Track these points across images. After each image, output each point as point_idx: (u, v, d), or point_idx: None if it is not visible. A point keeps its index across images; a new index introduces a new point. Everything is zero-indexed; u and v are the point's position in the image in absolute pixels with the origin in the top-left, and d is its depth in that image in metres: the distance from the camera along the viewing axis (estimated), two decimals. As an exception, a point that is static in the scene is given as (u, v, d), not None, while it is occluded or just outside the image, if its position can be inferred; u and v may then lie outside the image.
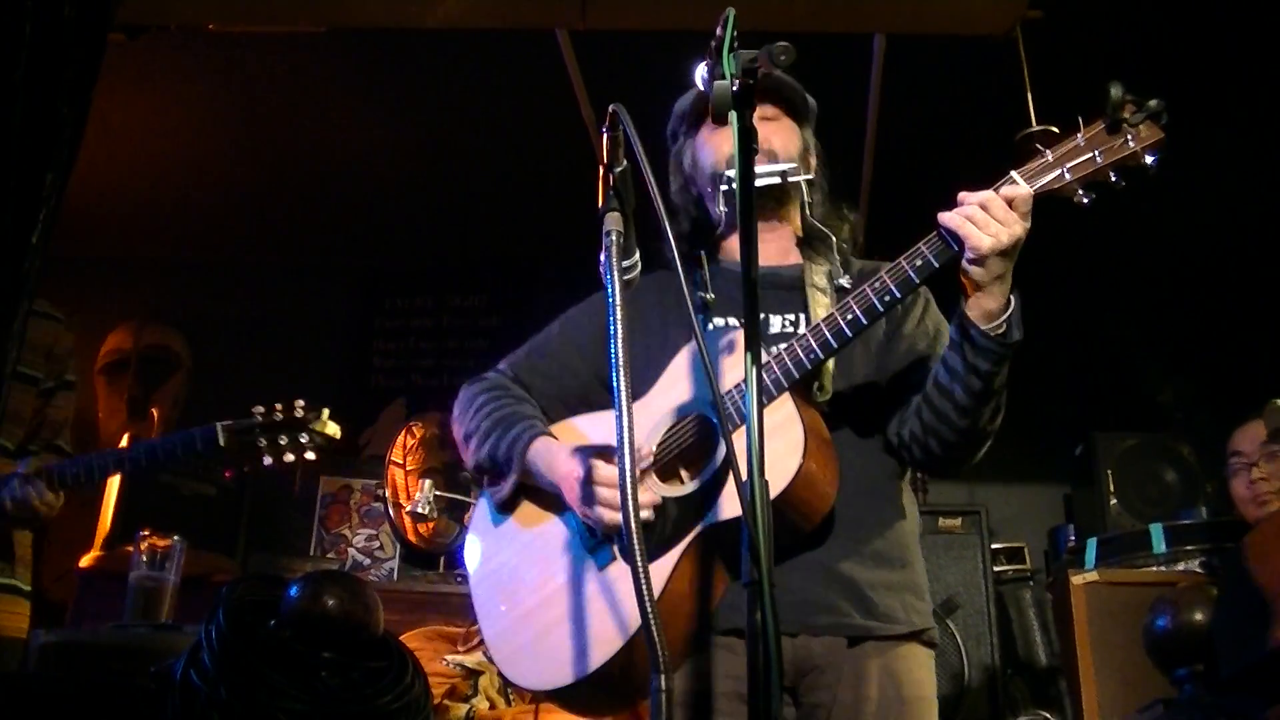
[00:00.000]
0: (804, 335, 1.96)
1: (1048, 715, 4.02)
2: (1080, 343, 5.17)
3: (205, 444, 2.90)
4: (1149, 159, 1.82)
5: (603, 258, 1.72)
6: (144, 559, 3.13)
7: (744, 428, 1.57)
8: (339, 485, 4.94)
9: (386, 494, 4.79)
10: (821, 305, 2.11)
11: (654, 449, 2.05)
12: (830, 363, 2.07)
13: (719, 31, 1.68)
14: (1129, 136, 1.79)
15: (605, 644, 1.96)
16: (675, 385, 2.12)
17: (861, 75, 3.92)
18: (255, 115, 4.48)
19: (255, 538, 4.77)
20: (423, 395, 5.33)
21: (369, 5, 3.62)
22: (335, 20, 3.71)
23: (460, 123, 4.51)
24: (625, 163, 1.79)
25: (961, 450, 2.07)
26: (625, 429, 1.54)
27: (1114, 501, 4.47)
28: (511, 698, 3.39)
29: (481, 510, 2.28)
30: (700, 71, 1.71)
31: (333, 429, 3.03)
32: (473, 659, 3.53)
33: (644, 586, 1.48)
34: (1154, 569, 4.05)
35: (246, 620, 2.40)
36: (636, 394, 2.08)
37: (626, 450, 1.53)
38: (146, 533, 3.22)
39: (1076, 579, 3.96)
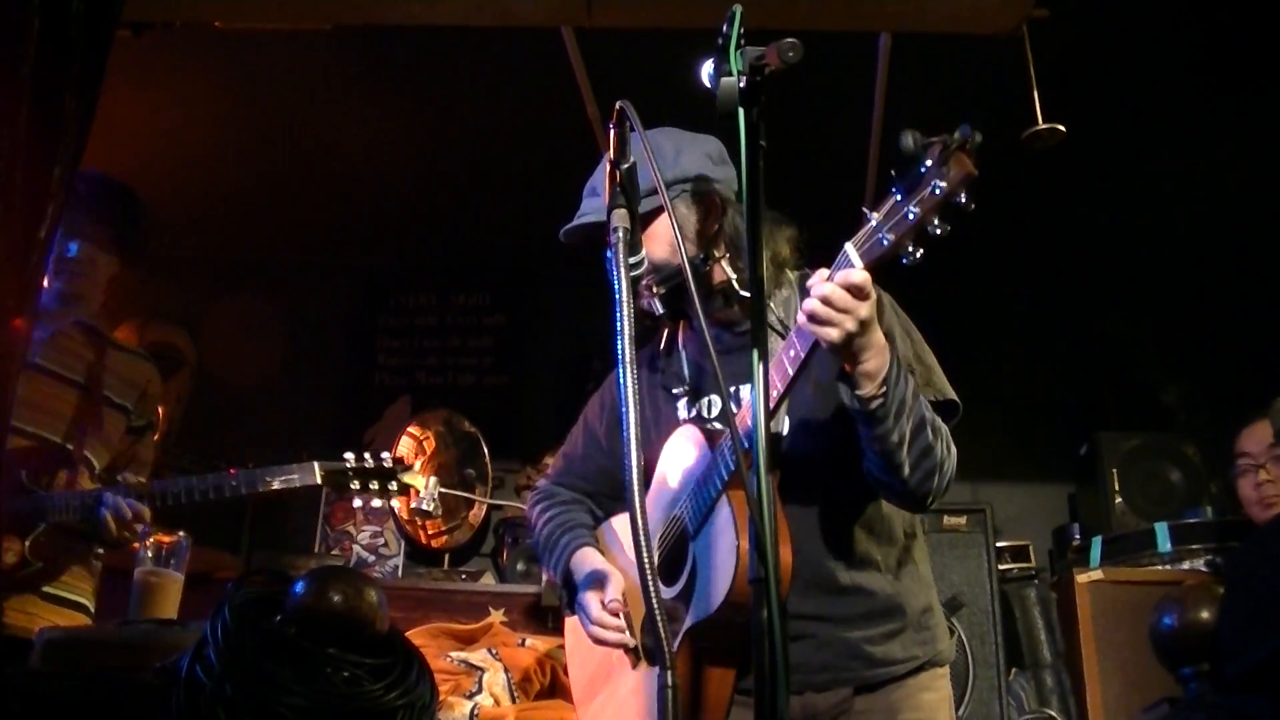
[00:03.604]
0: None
1: (1052, 714, 4.02)
2: (1085, 342, 5.17)
3: (303, 477, 3.10)
4: (959, 201, 1.60)
5: (609, 254, 1.73)
6: (149, 555, 3.13)
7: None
8: (343, 483, 4.94)
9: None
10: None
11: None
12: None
13: (725, 29, 1.68)
14: (936, 182, 1.60)
15: None
16: (664, 479, 2.24)
17: (867, 74, 3.92)
18: (260, 113, 4.48)
19: (259, 535, 4.77)
20: (427, 393, 5.33)
21: (375, 3, 3.62)
22: (341, 18, 3.71)
23: (465, 120, 4.51)
24: (632, 159, 1.79)
25: (912, 501, 2.03)
26: (631, 425, 1.54)
27: (1119, 501, 4.47)
28: (516, 695, 3.40)
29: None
30: (706, 69, 1.71)
31: (419, 482, 3.21)
32: (477, 656, 3.53)
33: (651, 587, 1.48)
34: (1159, 568, 4.06)
35: (251, 616, 2.40)
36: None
37: (631, 432, 1.53)
38: (152, 529, 3.23)
39: (1081, 578, 3.97)
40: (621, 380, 1.58)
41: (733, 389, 2.12)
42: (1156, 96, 4.15)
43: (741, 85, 1.63)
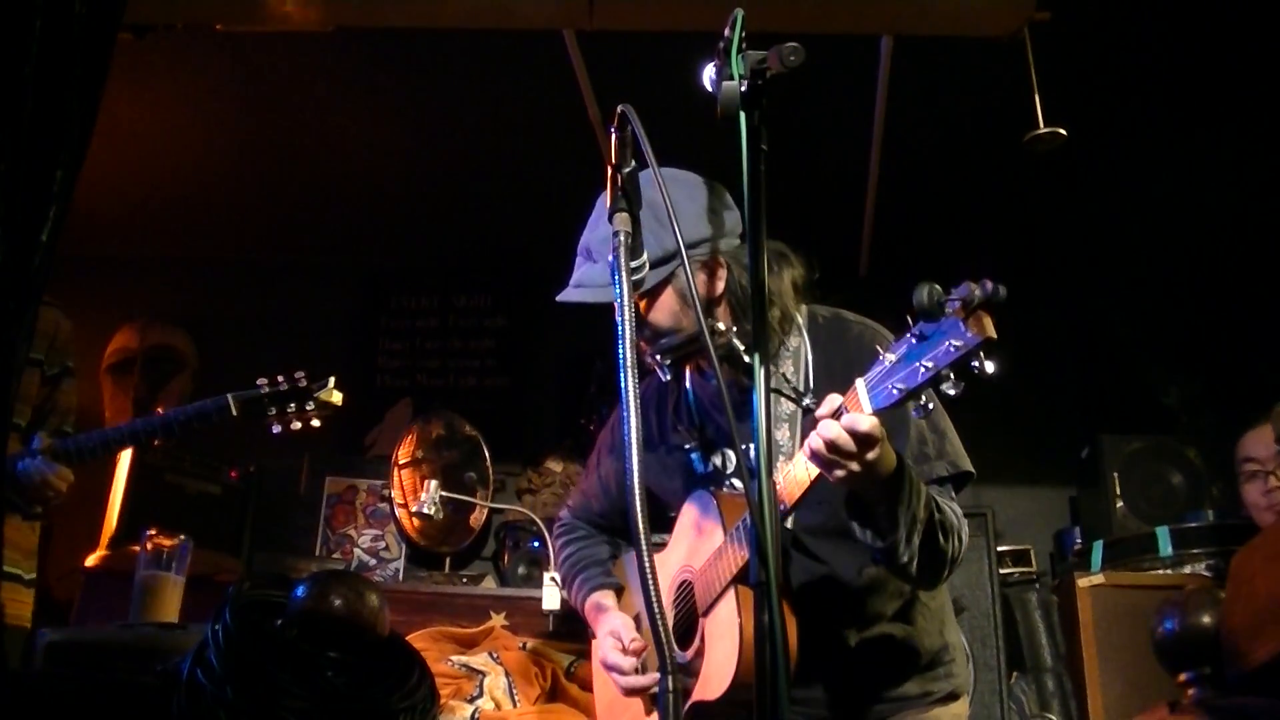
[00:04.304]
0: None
1: (1053, 718, 4.01)
2: (1086, 345, 5.16)
3: (218, 414, 3.02)
4: (975, 364, 1.50)
5: (611, 258, 1.73)
6: (150, 558, 3.14)
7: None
8: (344, 485, 4.94)
9: (393, 495, 4.79)
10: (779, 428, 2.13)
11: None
12: None
13: (727, 32, 1.68)
14: (952, 342, 1.50)
15: None
16: (681, 541, 2.25)
17: (869, 76, 3.92)
18: (261, 114, 4.48)
19: (260, 537, 4.77)
20: (428, 395, 5.32)
21: (377, 5, 3.62)
22: (343, 20, 3.71)
23: (467, 122, 4.51)
24: (633, 163, 1.79)
25: (917, 587, 2.08)
26: (632, 428, 1.55)
27: (1120, 504, 4.47)
28: (517, 698, 3.39)
29: None
30: (708, 72, 1.71)
31: (336, 397, 3.13)
32: (478, 659, 3.53)
33: (651, 588, 1.48)
34: (1160, 572, 4.05)
35: (253, 619, 2.41)
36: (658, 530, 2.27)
37: (632, 414, 1.53)
38: (153, 532, 3.23)
39: (1082, 582, 3.96)
40: (623, 384, 1.58)
41: (742, 447, 2.09)
42: (1158, 99, 4.15)
43: (743, 89, 1.63)
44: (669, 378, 2.18)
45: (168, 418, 3.04)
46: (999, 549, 4.34)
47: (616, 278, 1.69)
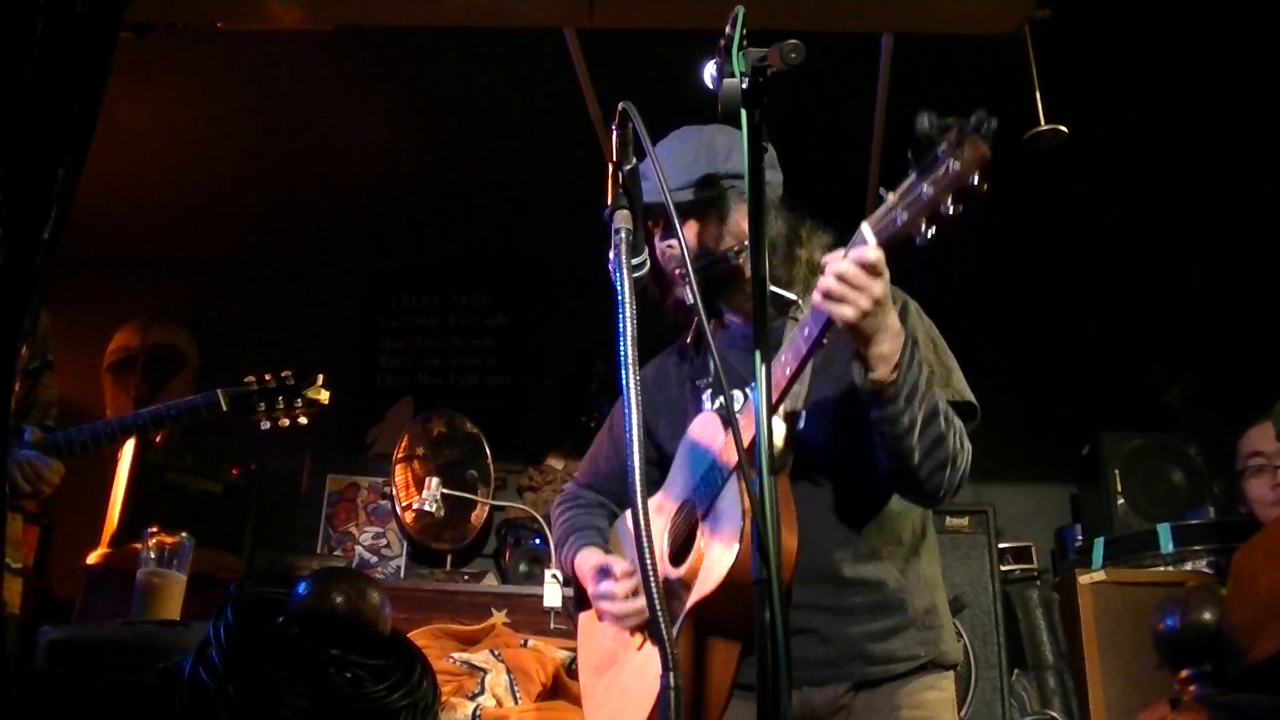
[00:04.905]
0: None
1: (1055, 715, 4.02)
2: (1087, 343, 5.16)
3: (208, 408, 3.06)
4: (973, 180, 1.62)
5: (611, 255, 1.73)
6: (152, 556, 3.14)
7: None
8: (346, 483, 4.95)
9: (393, 492, 4.79)
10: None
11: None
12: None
13: (728, 30, 1.69)
14: (951, 164, 1.62)
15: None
16: (682, 465, 2.26)
17: (869, 74, 3.92)
18: (262, 114, 4.48)
19: (261, 535, 4.78)
20: (429, 394, 5.33)
21: (377, 5, 3.62)
22: (343, 20, 3.71)
23: (468, 121, 4.52)
24: (634, 160, 1.80)
25: (922, 493, 2.05)
26: (634, 426, 1.55)
27: (1121, 501, 4.47)
28: (518, 695, 3.40)
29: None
30: (709, 70, 1.71)
31: (323, 395, 3.22)
32: (479, 657, 3.53)
33: (652, 586, 1.48)
34: (1161, 569, 4.05)
35: (254, 618, 2.41)
36: (655, 483, 2.33)
37: (634, 425, 1.53)
38: (154, 530, 3.24)
39: (1084, 579, 3.97)
40: (624, 382, 1.58)
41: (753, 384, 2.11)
42: (1158, 96, 4.15)
43: (744, 86, 1.64)
44: (693, 301, 2.18)
45: (157, 410, 3.06)
46: (1000, 546, 4.34)
47: (618, 275, 1.69)
